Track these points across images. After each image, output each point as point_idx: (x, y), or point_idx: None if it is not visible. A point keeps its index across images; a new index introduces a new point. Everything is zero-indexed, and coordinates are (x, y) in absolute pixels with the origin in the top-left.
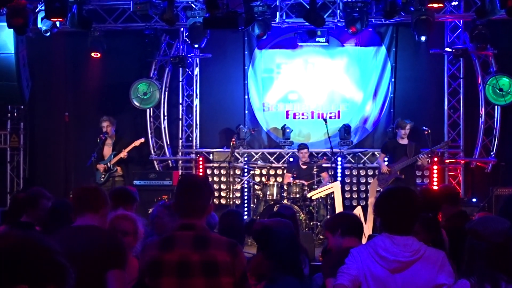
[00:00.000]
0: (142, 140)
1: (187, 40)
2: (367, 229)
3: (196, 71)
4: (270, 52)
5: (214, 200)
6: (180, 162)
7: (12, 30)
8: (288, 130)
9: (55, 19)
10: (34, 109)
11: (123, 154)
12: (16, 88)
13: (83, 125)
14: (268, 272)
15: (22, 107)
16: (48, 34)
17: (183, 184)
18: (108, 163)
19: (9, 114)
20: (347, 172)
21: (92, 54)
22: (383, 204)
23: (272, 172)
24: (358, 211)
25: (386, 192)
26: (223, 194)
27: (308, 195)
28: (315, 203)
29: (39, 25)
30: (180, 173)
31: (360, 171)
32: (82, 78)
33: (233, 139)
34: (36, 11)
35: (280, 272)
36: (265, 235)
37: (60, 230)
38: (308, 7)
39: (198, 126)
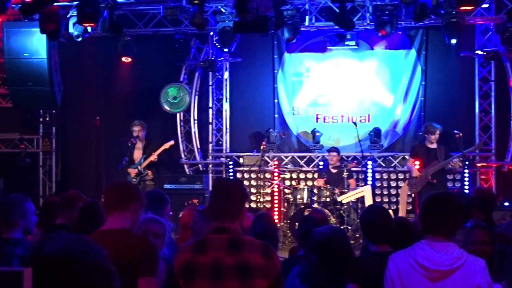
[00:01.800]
0: (172, 142)
1: (217, 44)
2: None
3: (226, 75)
4: (300, 55)
5: None
6: (210, 166)
7: (44, 35)
8: (318, 134)
9: (87, 24)
10: (66, 114)
11: (153, 157)
12: (48, 92)
13: (113, 129)
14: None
15: (54, 111)
16: (79, 39)
17: (217, 188)
18: (139, 167)
19: (41, 119)
20: (377, 176)
21: (123, 58)
22: (426, 209)
23: (302, 176)
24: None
25: (430, 197)
26: (253, 198)
27: (339, 199)
28: (345, 207)
29: (70, 30)
30: (211, 177)
31: (391, 174)
32: (112, 83)
33: (263, 143)
34: (68, 16)
35: (335, 281)
36: (329, 247)
37: (89, 234)
38: (338, 11)
39: (228, 130)
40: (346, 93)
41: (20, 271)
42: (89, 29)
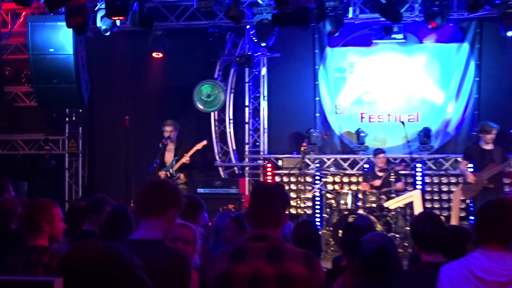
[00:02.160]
0: (205, 142)
1: (254, 38)
2: None
3: (263, 71)
4: (343, 50)
5: None
6: (247, 168)
7: (71, 30)
8: (362, 134)
9: (116, 18)
10: (93, 113)
11: (185, 159)
12: (74, 90)
13: (144, 130)
14: None
15: (80, 110)
16: (108, 33)
17: (257, 192)
18: (170, 170)
19: (67, 118)
20: (427, 180)
21: (154, 54)
22: (481, 217)
23: (345, 179)
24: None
25: (485, 204)
26: (293, 203)
27: (385, 205)
28: (393, 213)
29: (98, 24)
30: (248, 180)
31: (442, 178)
32: (143, 80)
33: (304, 144)
34: (96, 9)
35: None
36: (379, 257)
37: (119, 243)
38: (384, 1)
39: (265, 130)
40: (393, 90)
41: (51, 281)
42: (118, 22)
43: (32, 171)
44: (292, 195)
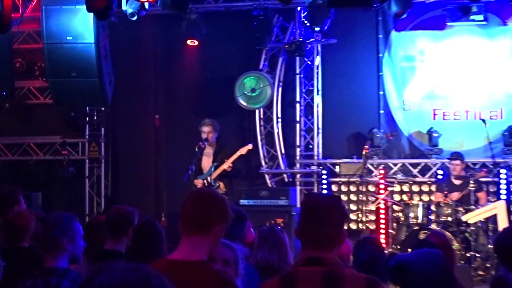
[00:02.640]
0: (250, 146)
1: (306, 22)
2: None
3: (317, 60)
4: (411, 34)
5: None
6: (298, 176)
7: (92, 14)
8: (435, 135)
9: (144, 0)
10: (118, 112)
11: (227, 165)
12: (96, 85)
13: (177, 131)
14: None
15: (103, 109)
16: (134, 18)
17: (309, 206)
18: (208, 178)
19: (87, 118)
20: None
21: (188, 41)
22: None
23: (415, 188)
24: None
25: None
26: (353, 216)
27: (464, 218)
28: (472, 228)
29: (124, 7)
30: (299, 190)
31: None
32: (175, 72)
33: (366, 146)
34: None
35: None
36: (401, 274)
37: (152, 263)
38: None
39: (320, 131)
40: (471, 81)
41: None
42: (146, 5)
43: (47, 179)
44: (352, 207)
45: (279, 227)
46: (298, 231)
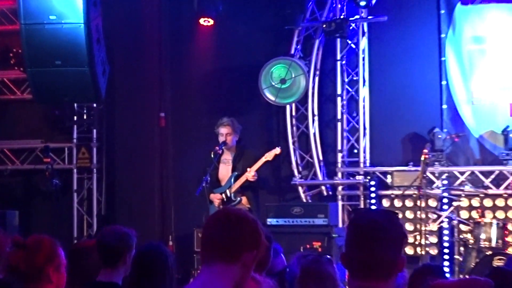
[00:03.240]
0: (278, 150)
1: None
2: None
3: (363, 43)
4: (481, 8)
5: None
6: (340, 188)
7: None
8: None
9: None
10: (114, 109)
11: (250, 174)
12: (87, 76)
13: (187, 132)
14: None
15: (95, 105)
16: None
17: (358, 225)
18: (227, 191)
19: (75, 117)
20: None
21: (201, 20)
22: None
23: (488, 203)
24: None
25: None
26: (410, 239)
27: None
28: None
29: None
30: (342, 206)
31: None
32: (185, 60)
33: (425, 150)
34: None
35: None
36: None
37: None
38: None
39: (367, 131)
40: None
41: None
42: None
43: (26, 194)
44: (408, 227)
45: (327, 257)
46: (344, 258)
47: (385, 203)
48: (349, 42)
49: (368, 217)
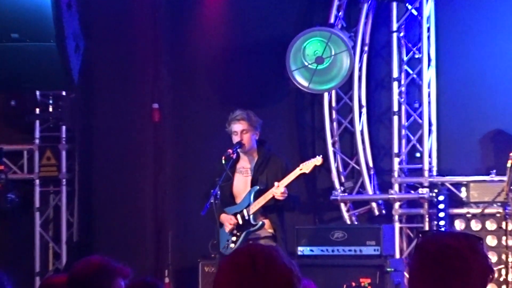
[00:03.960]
0: (319, 161)
1: None
2: None
3: (428, 8)
4: None
5: None
6: (396, 205)
7: None
8: None
9: None
10: (91, 99)
11: (279, 191)
12: (53, 53)
13: (190, 131)
14: None
15: (65, 93)
16: None
17: (428, 254)
18: (245, 211)
19: (37, 109)
20: None
21: None
22: None
23: None
24: None
25: None
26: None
27: None
28: None
29: None
30: (399, 228)
31: None
32: (187, 35)
33: None
34: None
35: None
36: None
37: None
38: None
39: (434, 128)
40: None
41: None
42: None
43: None
44: (492, 257)
45: None
46: None
47: (458, 225)
48: (409, 7)
49: (441, 242)
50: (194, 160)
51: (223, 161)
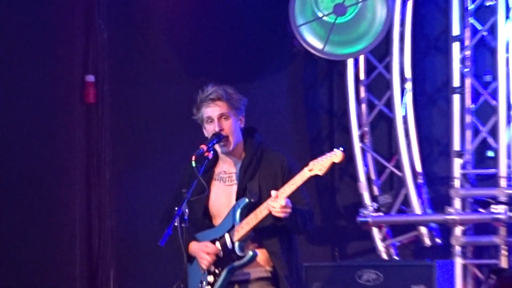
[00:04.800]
0: (338, 156)
1: None
2: None
3: None
4: None
5: None
6: (458, 231)
7: None
8: None
9: None
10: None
11: (278, 204)
12: None
13: (139, 113)
14: None
15: None
16: None
17: None
18: (227, 237)
19: None
20: None
21: None
22: None
23: None
24: None
25: None
26: None
27: None
28: None
29: None
30: (460, 265)
31: None
32: None
33: None
34: None
35: None
36: None
37: None
38: None
39: None
40: None
41: None
42: None
43: None
44: None
45: None
46: None
47: None
48: None
49: None
50: (147, 159)
51: (193, 164)
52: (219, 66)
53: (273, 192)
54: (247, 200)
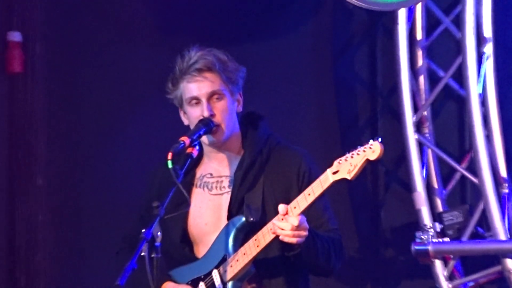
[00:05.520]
0: (376, 150)
1: None
2: None
3: None
4: None
5: None
6: None
7: None
8: None
9: None
10: None
11: (288, 225)
12: None
13: (97, 96)
14: None
15: None
16: None
17: None
18: (215, 274)
19: None
20: None
21: None
22: None
23: None
24: None
25: None
26: None
27: None
28: None
29: None
30: None
31: None
32: None
33: None
34: None
35: None
36: None
37: None
38: None
39: None
40: None
41: None
42: None
43: None
44: None
45: None
46: None
47: None
48: None
49: None
50: (97, 153)
51: (170, 164)
52: (207, 21)
53: (281, 207)
54: (243, 218)
